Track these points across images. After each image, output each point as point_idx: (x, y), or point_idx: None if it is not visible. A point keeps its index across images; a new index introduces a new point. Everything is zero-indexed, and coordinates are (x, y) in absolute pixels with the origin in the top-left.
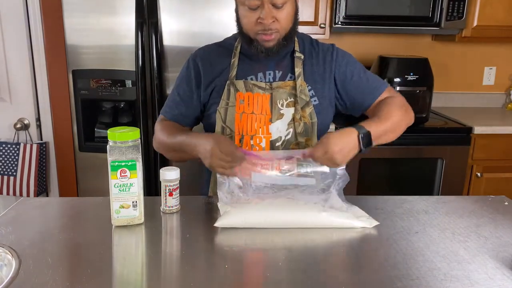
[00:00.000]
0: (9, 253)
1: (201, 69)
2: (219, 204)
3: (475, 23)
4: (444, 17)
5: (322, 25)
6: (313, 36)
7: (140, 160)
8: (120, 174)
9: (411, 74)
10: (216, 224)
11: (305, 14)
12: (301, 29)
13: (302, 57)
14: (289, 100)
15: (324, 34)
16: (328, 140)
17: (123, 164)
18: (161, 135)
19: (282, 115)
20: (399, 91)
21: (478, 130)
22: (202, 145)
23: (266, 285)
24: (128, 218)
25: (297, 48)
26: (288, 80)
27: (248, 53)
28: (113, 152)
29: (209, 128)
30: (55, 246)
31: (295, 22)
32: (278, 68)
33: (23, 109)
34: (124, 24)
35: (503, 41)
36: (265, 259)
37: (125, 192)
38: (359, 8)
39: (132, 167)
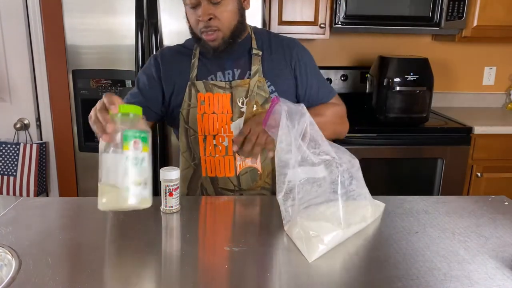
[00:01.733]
0: (9, 253)
1: (161, 67)
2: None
3: (475, 23)
4: (444, 17)
5: (322, 25)
6: (313, 36)
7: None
8: (134, 145)
9: (411, 74)
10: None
11: (305, 14)
12: (301, 29)
13: (260, 53)
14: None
15: (324, 34)
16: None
17: (137, 134)
18: None
19: (243, 113)
20: (399, 91)
21: (478, 130)
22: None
23: (266, 285)
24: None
25: (254, 45)
26: (247, 78)
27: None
28: (125, 123)
29: (175, 129)
30: (55, 246)
31: (240, 19)
32: (236, 66)
33: (23, 109)
34: (124, 24)
35: (503, 41)
36: (265, 259)
37: (138, 166)
38: (359, 8)
39: (144, 140)
